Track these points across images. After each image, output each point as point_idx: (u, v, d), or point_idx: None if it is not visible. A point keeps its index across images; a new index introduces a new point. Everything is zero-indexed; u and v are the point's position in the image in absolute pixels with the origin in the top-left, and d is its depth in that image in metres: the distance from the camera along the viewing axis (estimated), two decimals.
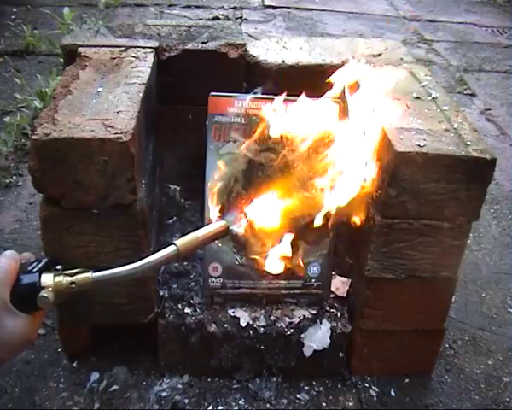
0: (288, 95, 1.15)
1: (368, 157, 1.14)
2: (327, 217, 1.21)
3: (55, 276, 0.77)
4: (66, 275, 0.78)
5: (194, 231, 0.87)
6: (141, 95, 1.16)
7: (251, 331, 1.24)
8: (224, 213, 1.17)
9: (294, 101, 1.14)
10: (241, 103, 1.18)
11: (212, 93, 1.17)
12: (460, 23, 4.03)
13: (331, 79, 1.16)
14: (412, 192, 1.11)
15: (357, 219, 1.15)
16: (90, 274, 0.78)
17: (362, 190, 1.13)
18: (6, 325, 0.72)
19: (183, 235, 0.88)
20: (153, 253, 0.83)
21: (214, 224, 0.89)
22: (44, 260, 0.79)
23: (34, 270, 0.77)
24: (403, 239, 1.16)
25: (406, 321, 1.28)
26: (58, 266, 0.81)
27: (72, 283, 0.77)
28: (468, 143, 1.13)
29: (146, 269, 0.82)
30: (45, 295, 0.75)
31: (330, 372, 1.33)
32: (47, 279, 0.76)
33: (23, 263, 0.78)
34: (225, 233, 0.90)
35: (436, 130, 1.16)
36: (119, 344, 1.35)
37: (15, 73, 2.70)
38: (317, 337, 1.26)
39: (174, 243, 0.83)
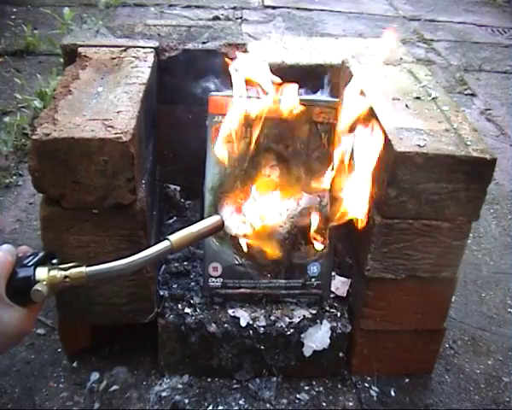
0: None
1: (367, 157, 1.14)
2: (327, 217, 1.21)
3: (49, 270, 0.77)
4: (60, 269, 0.78)
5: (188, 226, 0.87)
6: (141, 95, 1.16)
7: (251, 331, 1.24)
8: (220, 208, 1.17)
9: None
10: (242, 103, 1.18)
11: (212, 93, 1.17)
12: (460, 23, 4.03)
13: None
14: (412, 192, 1.11)
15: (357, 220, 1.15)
16: (83, 269, 0.78)
17: (361, 190, 1.13)
18: (1, 316, 0.72)
19: None
20: (146, 248, 0.83)
21: (209, 219, 0.89)
22: (41, 254, 0.79)
23: (30, 264, 0.77)
24: (403, 239, 1.16)
25: (406, 321, 1.28)
26: (54, 260, 0.81)
27: (65, 277, 0.78)
28: (468, 143, 1.13)
29: (139, 264, 0.82)
30: (39, 288, 0.75)
31: (330, 372, 1.33)
32: (41, 273, 0.77)
33: (20, 257, 0.78)
34: (220, 228, 0.90)
35: (436, 130, 1.16)
36: (119, 344, 1.36)
37: (15, 73, 2.70)
38: (317, 337, 1.26)
39: (167, 238, 0.83)
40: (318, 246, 1.24)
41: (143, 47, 1.38)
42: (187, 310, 1.25)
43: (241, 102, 1.14)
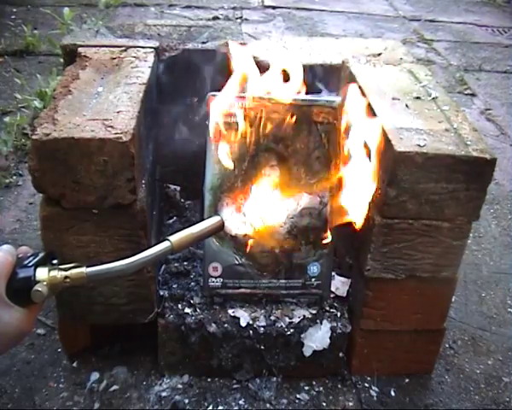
0: None
1: (367, 158, 1.14)
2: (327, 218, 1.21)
3: (49, 270, 0.78)
4: (60, 270, 0.78)
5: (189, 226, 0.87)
6: (141, 95, 1.16)
7: (251, 331, 1.24)
8: (220, 208, 1.17)
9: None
10: (241, 103, 1.18)
11: (212, 93, 1.17)
12: (460, 23, 4.03)
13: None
14: (412, 192, 1.11)
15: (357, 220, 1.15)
16: (83, 269, 0.79)
17: (361, 190, 1.13)
18: (1, 317, 0.72)
19: None
20: (147, 248, 0.83)
21: (209, 219, 0.89)
22: (41, 255, 0.80)
23: (30, 264, 0.77)
24: (403, 239, 1.16)
25: (406, 321, 1.28)
26: (54, 261, 0.81)
27: (66, 277, 0.78)
28: (468, 143, 1.13)
29: (139, 264, 0.82)
30: (39, 289, 0.75)
31: (330, 372, 1.33)
32: (41, 273, 0.77)
33: (20, 257, 0.78)
34: (220, 229, 0.90)
35: (436, 130, 1.16)
36: (119, 344, 1.36)
37: (15, 73, 2.70)
38: (317, 337, 1.26)
39: (168, 239, 0.83)
40: (319, 246, 1.24)
41: (143, 47, 1.38)
42: (187, 310, 1.25)
43: (242, 101, 1.14)
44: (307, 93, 1.17)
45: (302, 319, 1.26)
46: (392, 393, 1.33)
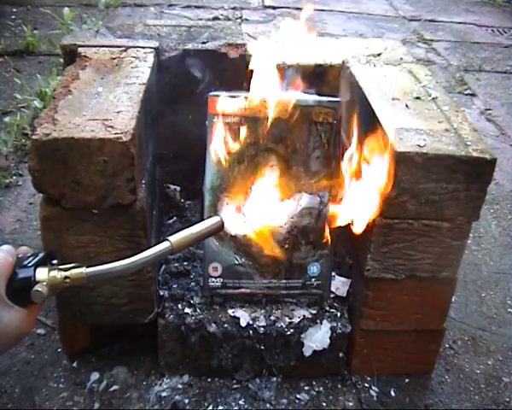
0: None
1: (367, 157, 1.14)
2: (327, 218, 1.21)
3: (49, 270, 0.78)
4: (60, 270, 0.78)
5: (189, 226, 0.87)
6: (141, 95, 1.16)
7: (251, 331, 1.24)
8: (220, 208, 1.17)
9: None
10: (241, 103, 1.18)
11: (212, 93, 1.17)
12: (460, 23, 4.04)
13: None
14: (412, 192, 1.11)
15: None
16: (83, 269, 0.79)
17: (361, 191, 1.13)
18: (1, 317, 0.72)
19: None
20: (147, 249, 0.83)
21: (209, 219, 0.89)
22: (41, 255, 0.80)
23: (30, 264, 0.77)
24: (403, 239, 1.16)
25: (406, 321, 1.28)
26: (54, 261, 0.81)
27: (66, 277, 0.78)
28: (468, 143, 1.13)
29: (139, 265, 0.82)
30: (39, 289, 0.75)
31: (330, 372, 1.33)
32: (41, 274, 0.77)
33: (20, 257, 0.78)
34: (220, 229, 0.90)
35: (436, 130, 1.16)
36: (119, 344, 1.36)
37: (15, 73, 2.71)
38: (317, 337, 1.26)
39: (168, 239, 0.83)
40: (318, 246, 1.24)
41: (143, 47, 1.38)
42: (187, 310, 1.25)
43: (241, 102, 1.14)
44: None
45: (302, 319, 1.26)
46: (392, 393, 1.33)
